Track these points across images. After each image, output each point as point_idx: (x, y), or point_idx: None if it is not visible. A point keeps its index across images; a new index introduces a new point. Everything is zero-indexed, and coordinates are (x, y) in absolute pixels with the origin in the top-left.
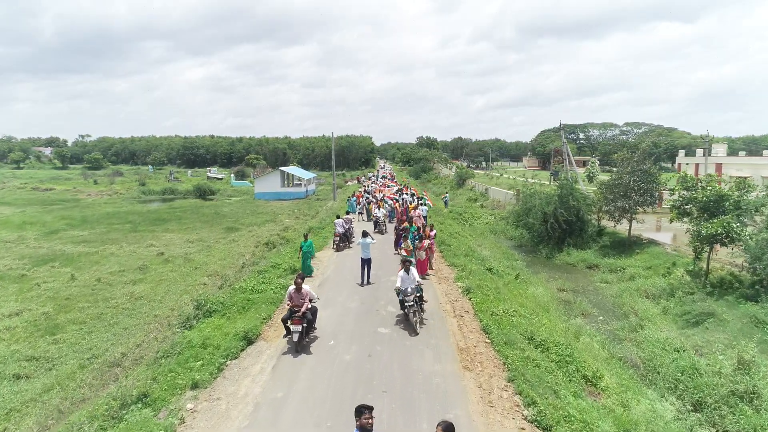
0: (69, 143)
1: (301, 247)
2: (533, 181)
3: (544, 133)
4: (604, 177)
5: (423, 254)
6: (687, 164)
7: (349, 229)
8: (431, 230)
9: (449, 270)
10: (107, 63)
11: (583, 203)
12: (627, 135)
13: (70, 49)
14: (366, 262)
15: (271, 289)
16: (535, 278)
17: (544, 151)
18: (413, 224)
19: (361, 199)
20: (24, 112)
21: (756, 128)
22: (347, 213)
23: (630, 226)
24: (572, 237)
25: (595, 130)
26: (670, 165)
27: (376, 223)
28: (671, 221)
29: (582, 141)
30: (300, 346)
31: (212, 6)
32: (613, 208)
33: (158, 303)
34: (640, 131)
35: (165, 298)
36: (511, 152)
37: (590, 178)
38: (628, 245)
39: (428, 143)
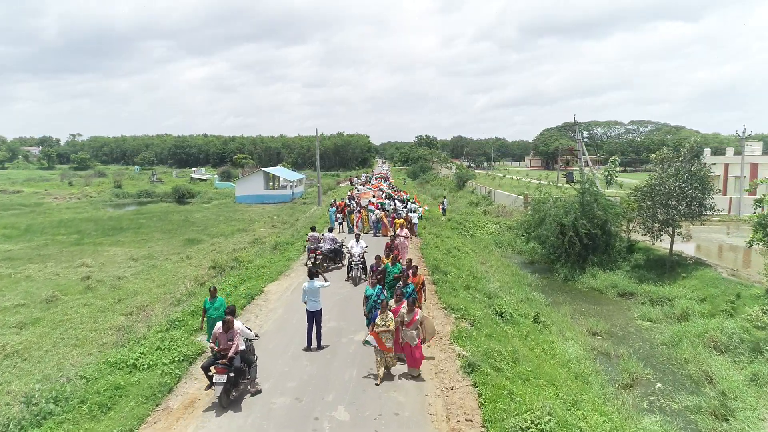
0: (63, 143)
1: (205, 309)
2: (546, 182)
3: (547, 132)
4: (624, 179)
5: (414, 336)
6: (714, 164)
7: (340, 246)
8: (414, 274)
9: (444, 318)
10: (108, 63)
11: (610, 213)
12: (633, 133)
13: (71, 48)
14: (313, 317)
15: (165, 364)
16: (556, 315)
17: (547, 151)
18: (397, 261)
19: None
20: (25, 112)
21: (757, 127)
22: (330, 229)
23: (672, 243)
24: (596, 254)
25: (599, 129)
26: None
27: (350, 268)
28: (750, 244)
29: (586, 140)
30: (225, 402)
31: (213, 6)
32: (652, 220)
33: (33, 364)
34: (646, 130)
35: (47, 354)
36: (513, 152)
37: (608, 181)
38: (669, 266)
39: (427, 142)
